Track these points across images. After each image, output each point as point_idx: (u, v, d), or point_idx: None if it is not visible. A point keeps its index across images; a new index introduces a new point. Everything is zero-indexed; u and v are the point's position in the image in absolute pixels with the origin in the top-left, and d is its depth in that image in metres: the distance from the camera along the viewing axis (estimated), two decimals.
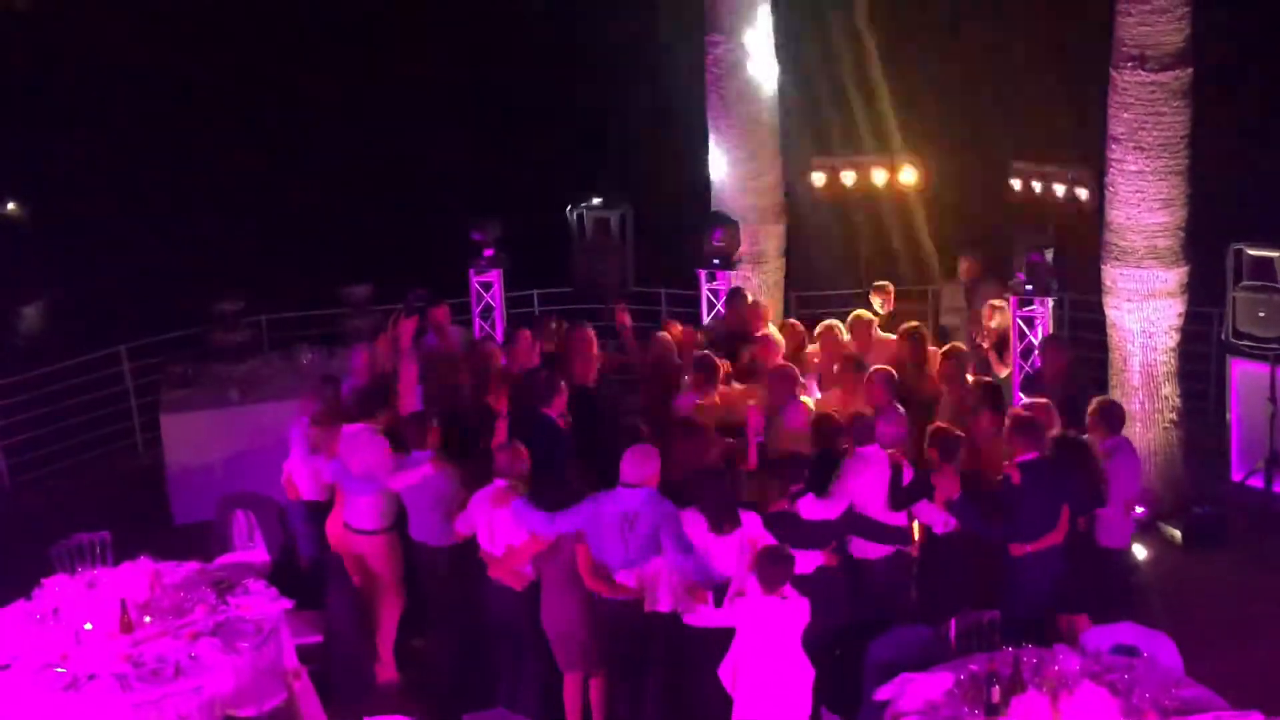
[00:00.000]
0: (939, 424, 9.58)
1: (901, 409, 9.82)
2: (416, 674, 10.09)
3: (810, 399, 10.74)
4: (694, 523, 8.42)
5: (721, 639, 8.09)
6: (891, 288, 12.82)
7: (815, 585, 8.44)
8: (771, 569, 7.83)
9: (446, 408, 10.42)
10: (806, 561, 8.60)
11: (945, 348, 11.18)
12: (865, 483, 9.04)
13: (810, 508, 8.81)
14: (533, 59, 23.06)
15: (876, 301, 12.67)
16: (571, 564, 8.74)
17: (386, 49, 23.90)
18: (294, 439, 10.36)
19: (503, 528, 8.96)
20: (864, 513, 9.04)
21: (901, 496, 9.12)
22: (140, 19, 23.47)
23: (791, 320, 12.52)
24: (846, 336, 11.64)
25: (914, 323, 11.82)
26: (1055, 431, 9.44)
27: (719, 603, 8.12)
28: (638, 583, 8.55)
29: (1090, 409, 9.83)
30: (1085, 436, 9.66)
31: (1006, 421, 9.38)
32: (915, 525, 9.54)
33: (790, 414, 10.06)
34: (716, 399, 10.52)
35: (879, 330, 11.89)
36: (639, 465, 8.63)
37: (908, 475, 9.16)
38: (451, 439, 9.96)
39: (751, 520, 8.51)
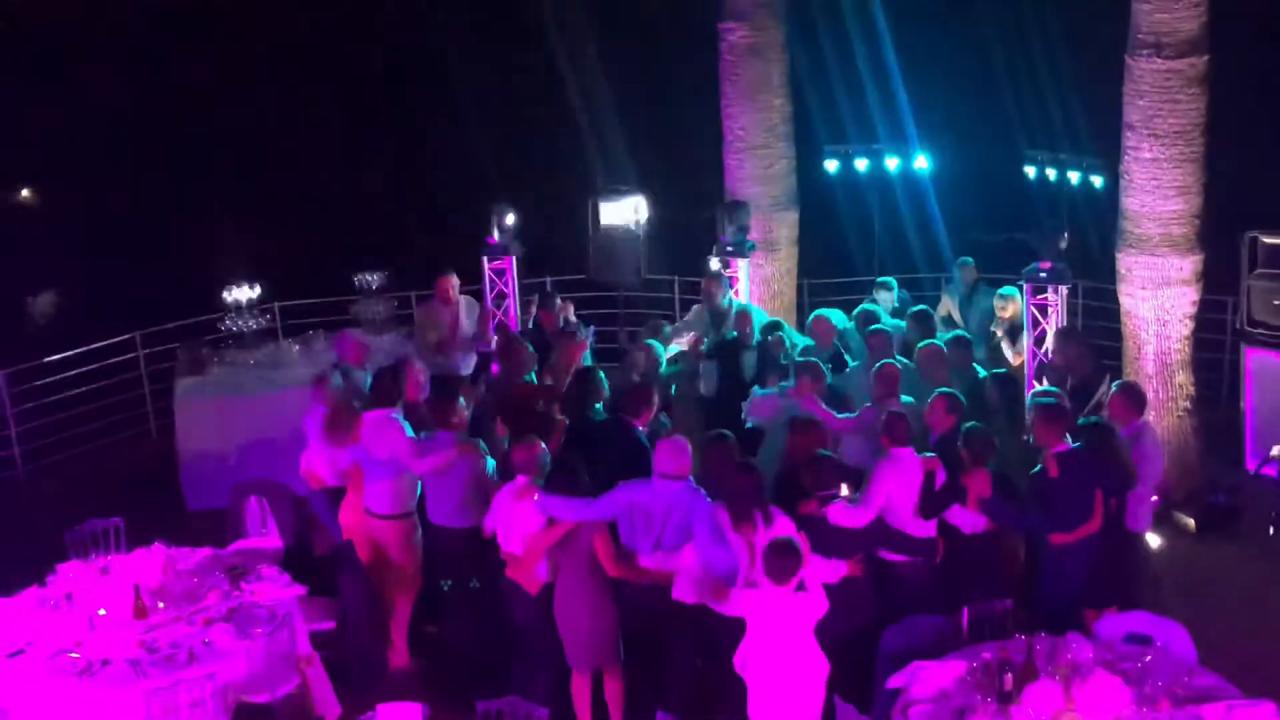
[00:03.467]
0: (971, 424, 9.53)
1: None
2: (430, 660, 10.11)
3: None
4: (725, 518, 8.40)
5: (743, 625, 8.03)
6: (894, 284, 12.82)
7: (841, 591, 8.42)
8: (779, 561, 7.74)
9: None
10: (832, 571, 8.56)
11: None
12: (897, 485, 8.91)
13: (840, 514, 8.72)
14: (547, 47, 23.05)
15: (883, 297, 12.70)
16: (588, 555, 8.67)
17: (400, 38, 23.91)
18: (310, 428, 10.37)
19: (520, 522, 8.91)
20: (892, 521, 8.91)
21: (934, 503, 9.01)
22: (153, 10, 23.50)
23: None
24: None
25: (922, 306, 11.87)
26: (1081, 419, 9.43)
27: None
28: (660, 566, 8.53)
29: (1113, 393, 9.84)
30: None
31: (1033, 413, 9.36)
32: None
33: None
34: None
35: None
36: (674, 457, 8.60)
37: (940, 479, 9.07)
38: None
39: (784, 522, 8.43)
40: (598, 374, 10.48)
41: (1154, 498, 9.94)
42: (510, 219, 13.65)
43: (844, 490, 8.93)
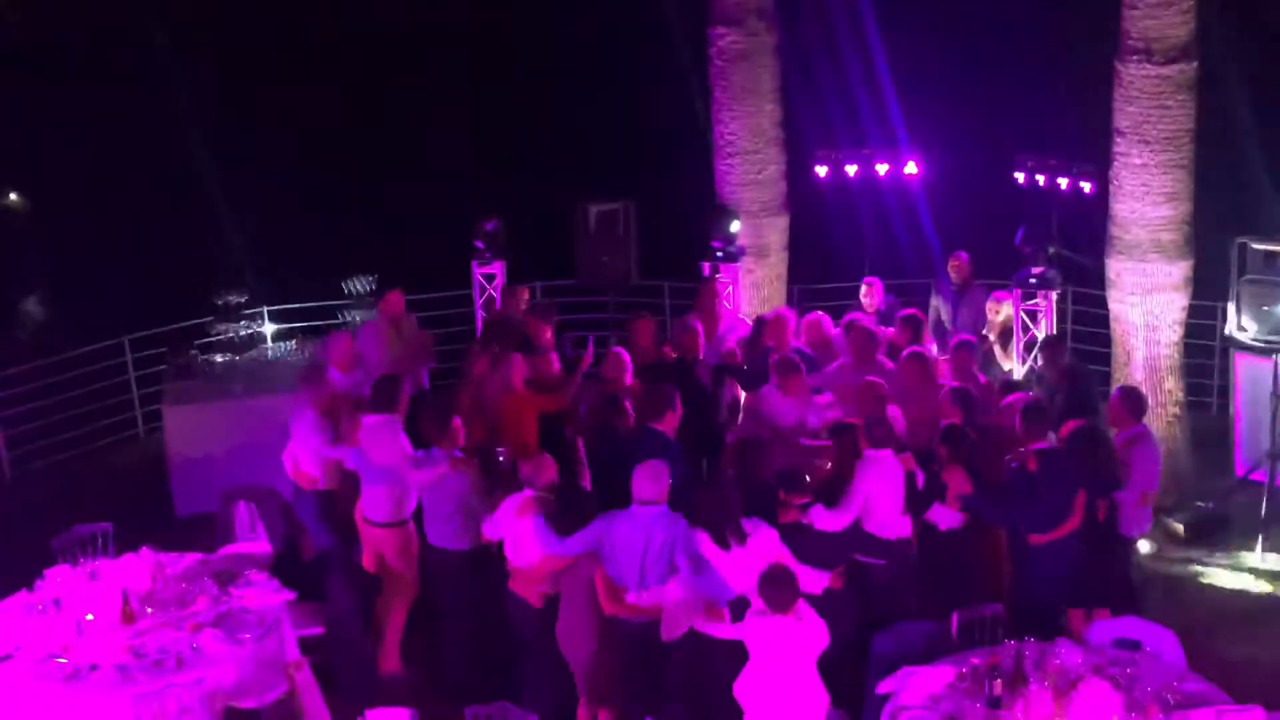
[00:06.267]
0: (949, 421, 9.54)
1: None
2: (420, 666, 10.09)
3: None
4: (705, 540, 8.29)
5: (740, 651, 7.89)
6: (879, 283, 12.80)
7: (821, 603, 8.39)
8: (776, 591, 7.64)
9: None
10: (815, 582, 8.52)
11: (958, 341, 11.23)
12: (876, 487, 8.90)
13: (822, 518, 8.71)
14: (537, 51, 23.06)
15: (865, 299, 12.69)
16: (590, 584, 8.57)
17: (389, 42, 23.91)
18: (300, 429, 10.34)
19: (526, 541, 8.83)
20: (871, 522, 8.92)
21: (918, 503, 9.02)
22: (147, 12, 23.48)
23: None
24: None
25: (911, 310, 11.90)
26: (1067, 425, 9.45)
27: (736, 618, 7.99)
28: (650, 604, 8.39)
29: (1113, 397, 9.89)
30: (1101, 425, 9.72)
31: (1017, 411, 9.40)
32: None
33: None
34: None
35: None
36: (652, 482, 8.45)
37: (920, 479, 9.08)
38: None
39: (768, 535, 8.36)
40: (622, 401, 10.32)
41: (1148, 503, 9.96)
42: (500, 224, 13.66)
43: None
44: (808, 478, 8.93)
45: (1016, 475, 9.16)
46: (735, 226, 13.34)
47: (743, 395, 11.49)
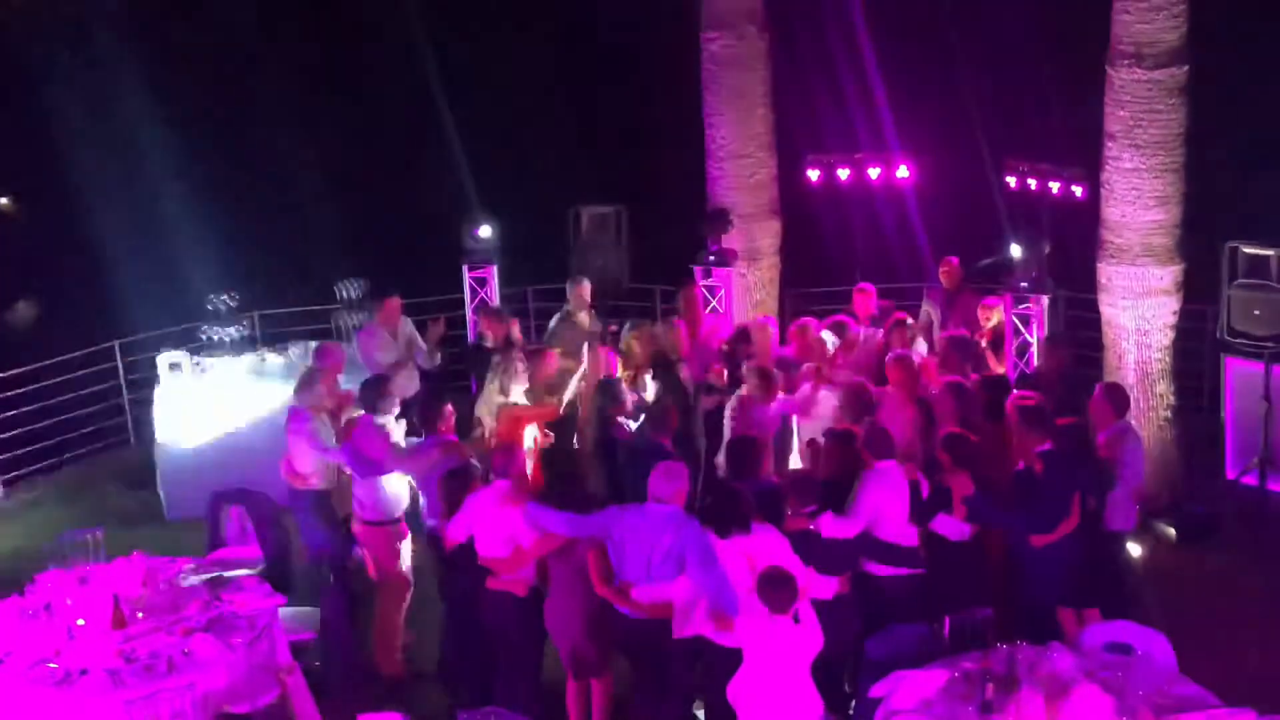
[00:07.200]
0: (950, 428, 9.51)
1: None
2: (411, 670, 10.07)
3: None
4: (712, 538, 8.26)
5: (737, 654, 7.86)
6: (873, 289, 12.80)
7: (828, 609, 8.39)
8: (775, 592, 7.59)
9: None
10: (826, 588, 8.52)
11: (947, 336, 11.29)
12: (883, 497, 8.82)
13: (830, 526, 8.64)
14: (529, 56, 23.06)
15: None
16: (582, 566, 8.55)
17: (382, 46, 23.90)
18: (297, 431, 10.33)
19: (509, 528, 8.72)
20: (879, 533, 8.85)
21: (924, 512, 9.00)
22: (136, 13, 23.45)
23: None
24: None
25: (902, 315, 11.94)
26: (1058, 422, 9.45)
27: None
28: (654, 599, 8.35)
29: (1095, 394, 9.88)
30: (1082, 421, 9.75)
31: (1015, 414, 9.39)
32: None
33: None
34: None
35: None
36: (667, 482, 8.42)
37: (925, 488, 9.04)
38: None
39: (774, 537, 8.31)
40: (620, 384, 10.39)
41: (1135, 499, 9.97)
42: (491, 227, 13.66)
43: None
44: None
45: (1021, 477, 9.16)
46: (727, 230, 13.30)
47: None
